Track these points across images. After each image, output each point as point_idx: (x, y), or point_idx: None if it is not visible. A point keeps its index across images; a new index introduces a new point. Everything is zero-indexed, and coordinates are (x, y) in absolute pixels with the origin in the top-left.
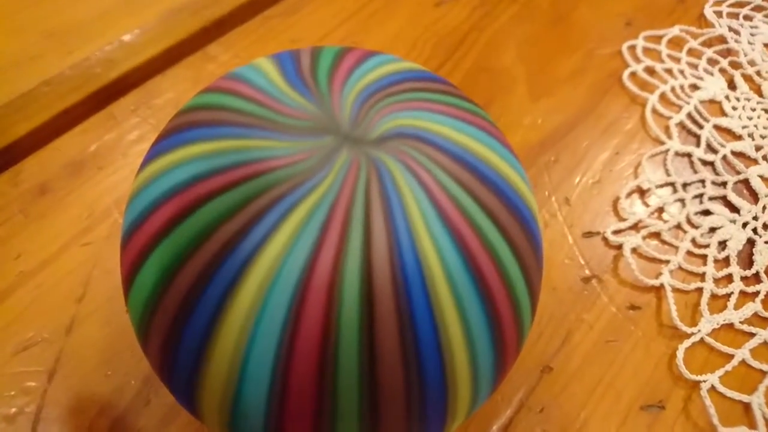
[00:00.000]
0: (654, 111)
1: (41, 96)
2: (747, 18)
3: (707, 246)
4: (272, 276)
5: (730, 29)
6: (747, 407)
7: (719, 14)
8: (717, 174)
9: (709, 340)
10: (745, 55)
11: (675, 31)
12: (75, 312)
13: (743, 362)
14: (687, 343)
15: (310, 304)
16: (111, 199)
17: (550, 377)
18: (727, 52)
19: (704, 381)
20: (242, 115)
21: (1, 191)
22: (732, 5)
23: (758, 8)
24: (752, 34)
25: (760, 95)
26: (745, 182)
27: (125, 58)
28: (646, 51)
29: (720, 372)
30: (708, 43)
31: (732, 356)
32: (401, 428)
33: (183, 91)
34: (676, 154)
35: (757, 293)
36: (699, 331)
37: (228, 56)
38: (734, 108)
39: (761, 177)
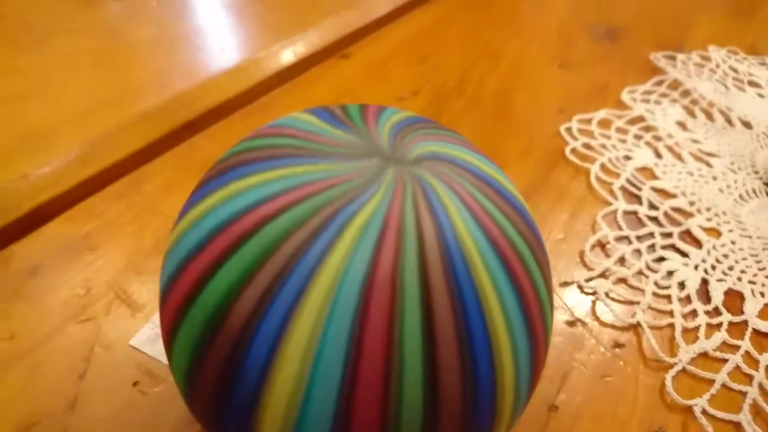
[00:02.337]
0: (598, 178)
1: (18, 190)
2: (657, 102)
3: (669, 287)
4: (339, 277)
5: (647, 110)
6: (738, 425)
7: (634, 99)
8: (662, 226)
9: (690, 368)
10: (663, 130)
11: (602, 114)
12: (78, 389)
13: (724, 385)
14: (672, 372)
15: (375, 299)
16: (106, 279)
17: (558, 415)
18: (648, 129)
19: (695, 405)
20: (292, 149)
21: None
22: (643, 93)
23: (663, 95)
24: (664, 114)
25: (682, 161)
26: (687, 232)
27: (102, 157)
28: (581, 131)
29: (707, 396)
30: (631, 122)
31: (713, 381)
32: None
33: (173, 173)
34: (625, 212)
35: (720, 324)
36: (680, 360)
37: (215, 146)
38: (664, 173)
39: (699, 226)
